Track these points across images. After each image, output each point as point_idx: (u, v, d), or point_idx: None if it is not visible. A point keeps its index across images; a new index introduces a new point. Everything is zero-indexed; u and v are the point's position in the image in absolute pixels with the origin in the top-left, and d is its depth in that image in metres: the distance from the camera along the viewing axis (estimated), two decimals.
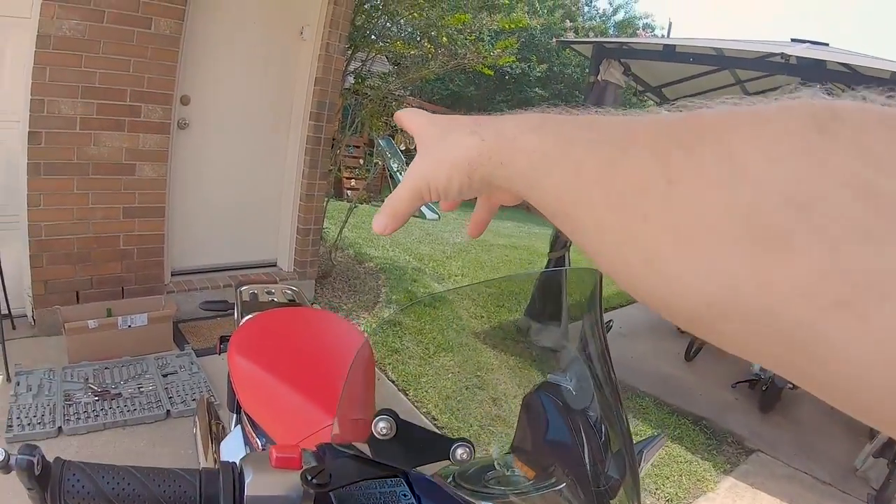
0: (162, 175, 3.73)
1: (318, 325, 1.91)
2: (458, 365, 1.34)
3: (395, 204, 0.47)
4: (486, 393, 1.13)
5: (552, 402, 0.96)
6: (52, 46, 3.04)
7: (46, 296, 3.36)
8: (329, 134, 4.67)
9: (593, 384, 0.96)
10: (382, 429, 0.72)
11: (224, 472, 0.67)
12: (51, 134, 3.17)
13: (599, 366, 0.96)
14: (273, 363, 1.48)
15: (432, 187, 0.44)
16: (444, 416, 3.22)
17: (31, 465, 0.60)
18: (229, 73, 4.09)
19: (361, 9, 5.04)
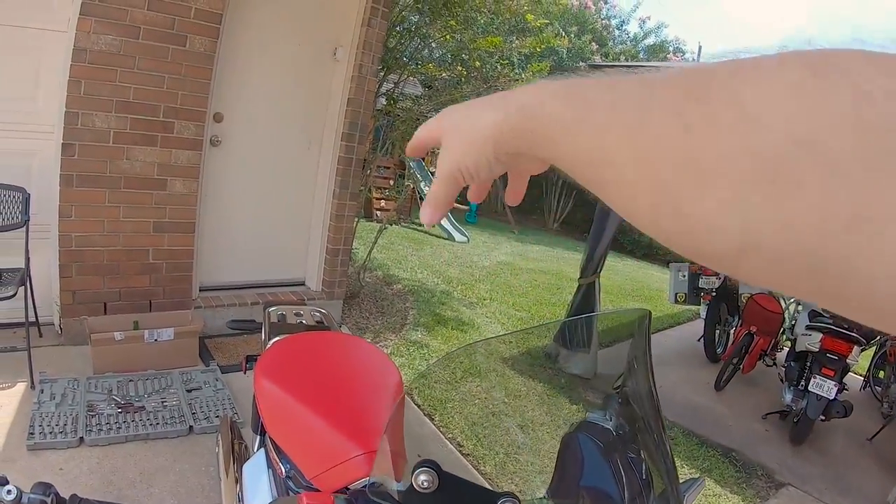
0: (193, 191, 3.77)
1: (347, 350, 1.87)
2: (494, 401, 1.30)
3: (435, 195, 0.48)
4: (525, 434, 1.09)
5: (592, 443, 0.91)
6: (87, 60, 3.12)
7: (74, 305, 3.41)
8: (360, 155, 4.69)
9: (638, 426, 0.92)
10: (424, 482, 0.68)
11: None
12: (84, 146, 3.24)
13: (647, 407, 0.92)
14: (300, 389, 1.45)
15: (463, 171, 0.44)
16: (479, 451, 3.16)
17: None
18: (262, 91, 4.14)
19: (394, 31, 5.09)
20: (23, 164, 3.29)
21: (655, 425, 0.89)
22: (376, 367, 1.70)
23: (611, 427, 0.90)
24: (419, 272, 7.20)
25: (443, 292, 6.45)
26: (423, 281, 6.80)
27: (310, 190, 4.66)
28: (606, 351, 4.81)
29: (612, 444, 0.88)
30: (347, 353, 1.84)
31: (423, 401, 3.71)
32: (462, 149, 0.43)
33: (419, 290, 6.27)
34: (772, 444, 4.26)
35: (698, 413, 4.55)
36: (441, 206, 0.48)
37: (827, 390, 4.05)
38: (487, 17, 5.22)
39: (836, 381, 4.07)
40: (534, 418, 1.13)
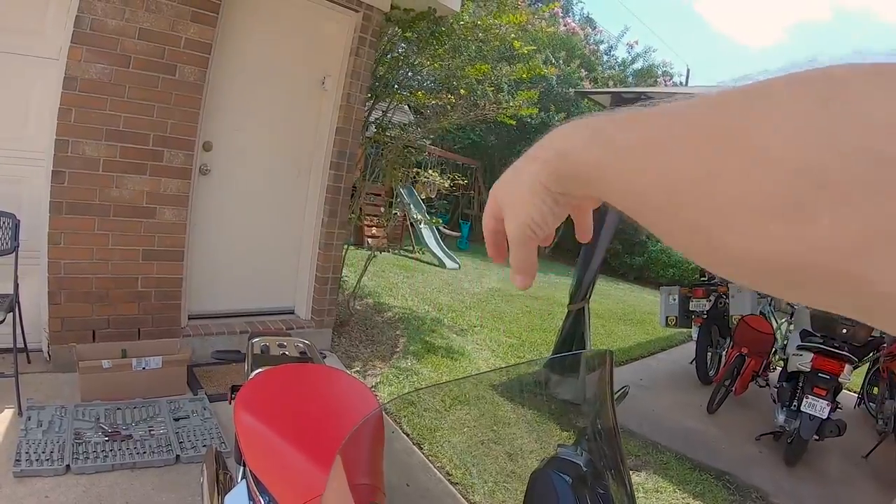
0: (182, 219, 3.78)
1: (327, 383, 1.88)
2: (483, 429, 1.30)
3: (518, 260, 0.49)
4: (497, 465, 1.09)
5: (561, 479, 0.92)
6: (78, 88, 3.15)
7: (63, 332, 3.39)
8: (349, 183, 4.73)
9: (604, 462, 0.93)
10: None
11: None
12: (74, 174, 3.26)
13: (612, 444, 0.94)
14: (278, 421, 1.47)
15: (532, 225, 0.45)
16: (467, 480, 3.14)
17: None
18: (251, 120, 4.18)
19: (383, 59, 5.16)
20: (13, 191, 3.29)
21: (618, 462, 0.91)
22: (356, 399, 1.71)
23: (581, 462, 0.91)
24: (410, 299, 7.20)
25: (433, 319, 6.44)
26: (414, 308, 6.79)
27: (299, 218, 4.68)
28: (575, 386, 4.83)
29: (582, 479, 0.89)
30: (328, 385, 1.85)
31: (411, 430, 3.69)
32: (522, 207, 0.45)
33: (409, 318, 6.26)
34: (766, 466, 4.23)
35: (691, 436, 4.53)
36: (528, 269, 0.50)
37: (820, 410, 4.04)
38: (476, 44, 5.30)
39: (828, 401, 4.06)
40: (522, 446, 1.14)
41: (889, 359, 5.08)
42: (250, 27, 4.00)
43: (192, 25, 3.44)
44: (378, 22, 4.43)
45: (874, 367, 5.53)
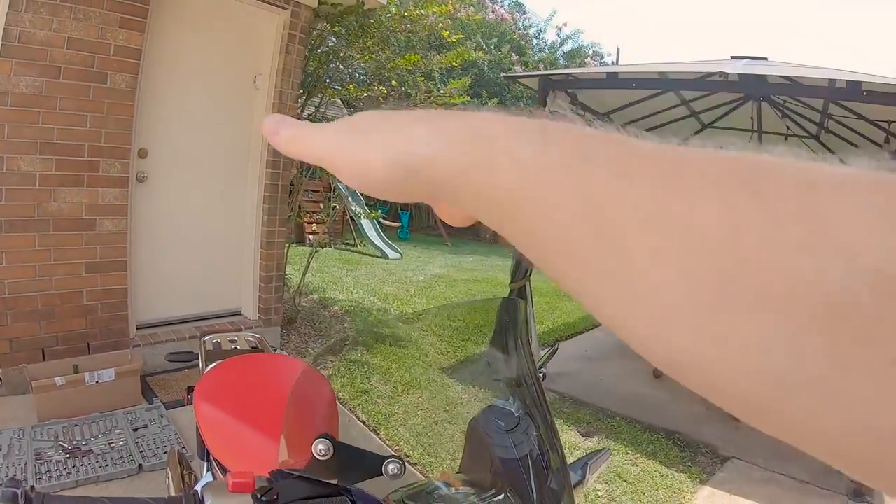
0: (122, 229, 3.72)
1: (279, 368, 1.94)
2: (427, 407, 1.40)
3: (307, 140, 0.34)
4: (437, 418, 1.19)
5: (494, 424, 1.03)
6: (9, 103, 3.07)
7: (12, 354, 3.30)
8: (286, 181, 4.73)
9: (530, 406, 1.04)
10: (321, 451, 0.79)
11: (186, 500, 0.74)
12: (11, 191, 3.17)
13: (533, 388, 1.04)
14: (237, 407, 1.52)
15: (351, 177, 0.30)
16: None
17: (16, 496, 0.65)
18: (185, 124, 4.13)
19: (314, 54, 5.16)
20: None
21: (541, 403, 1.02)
22: (307, 380, 1.80)
23: (513, 409, 1.02)
24: (355, 292, 7.23)
25: (379, 310, 6.51)
26: (360, 300, 6.83)
27: (238, 219, 4.67)
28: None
29: (515, 423, 1.00)
30: (278, 370, 1.92)
31: (367, 417, 3.77)
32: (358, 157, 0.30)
33: (356, 311, 6.31)
34: (713, 423, 4.44)
35: (639, 401, 4.75)
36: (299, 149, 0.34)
37: None
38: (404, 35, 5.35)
39: None
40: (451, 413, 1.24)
41: None
42: (180, 30, 3.94)
43: (120, 32, 3.38)
44: (307, 18, 4.43)
45: None
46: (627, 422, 4.34)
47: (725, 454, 3.94)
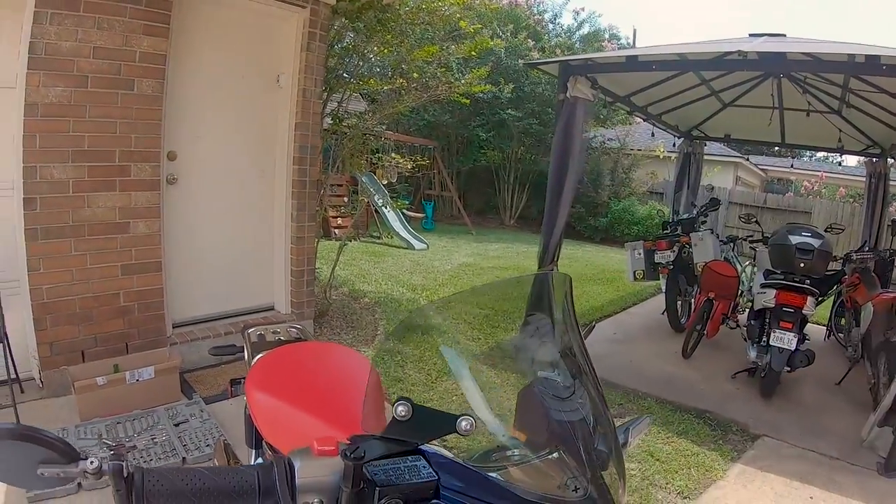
0: (156, 231, 3.82)
1: (326, 355, 2.00)
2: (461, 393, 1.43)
3: None
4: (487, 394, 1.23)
5: (543, 392, 1.07)
6: (39, 114, 3.16)
7: (52, 357, 3.42)
8: (313, 176, 4.79)
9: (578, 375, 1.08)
10: (401, 412, 0.84)
11: (277, 465, 0.81)
12: (45, 199, 3.27)
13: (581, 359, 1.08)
14: (289, 394, 1.57)
15: None
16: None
17: (121, 469, 0.74)
18: (212, 125, 4.22)
19: (334, 50, 5.20)
20: None
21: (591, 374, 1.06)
22: (351, 364, 1.85)
23: (559, 380, 1.06)
24: (383, 284, 7.30)
25: (408, 300, 6.57)
26: (389, 292, 6.90)
27: (268, 216, 4.75)
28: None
29: (566, 390, 1.05)
30: (325, 357, 1.97)
31: None
32: None
33: (386, 301, 6.38)
34: (743, 401, 4.47)
35: (670, 381, 4.76)
36: None
37: (787, 342, 4.27)
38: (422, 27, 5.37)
39: (795, 333, 4.29)
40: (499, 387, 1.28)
41: (850, 289, 5.38)
42: (202, 34, 4.01)
43: (144, 39, 3.45)
44: (326, 15, 4.47)
45: (839, 300, 5.83)
46: (658, 402, 4.35)
47: (756, 432, 3.95)
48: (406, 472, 0.84)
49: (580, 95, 4.63)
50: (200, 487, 0.77)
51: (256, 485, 0.79)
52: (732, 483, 3.32)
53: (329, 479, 0.79)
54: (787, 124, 6.68)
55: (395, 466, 0.84)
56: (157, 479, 0.77)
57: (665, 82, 5.41)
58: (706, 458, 3.56)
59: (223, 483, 0.78)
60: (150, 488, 0.76)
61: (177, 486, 0.76)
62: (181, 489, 0.76)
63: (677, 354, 5.32)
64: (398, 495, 0.79)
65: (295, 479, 0.80)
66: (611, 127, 15.10)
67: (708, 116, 7.18)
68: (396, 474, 0.83)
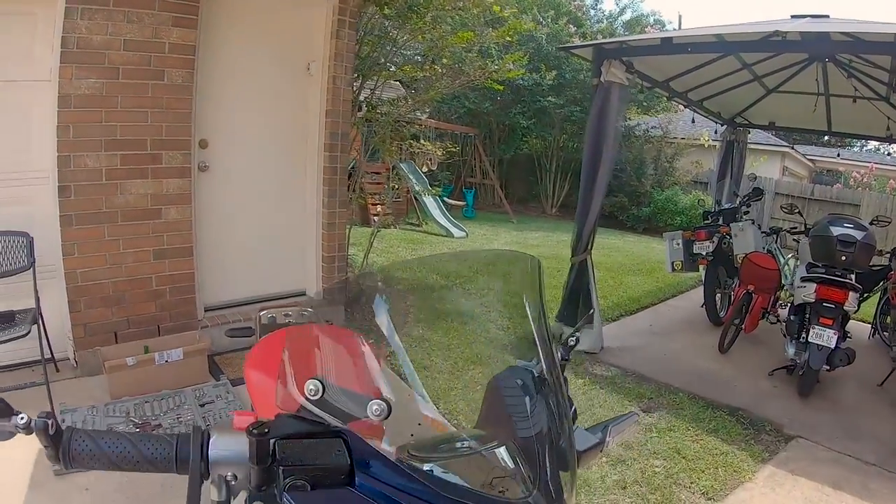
0: (187, 217, 3.92)
1: (327, 337, 2.02)
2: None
3: None
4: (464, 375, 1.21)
5: (512, 381, 1.04)
6: (73, 105, 3.28)
7: (86, 338, 3.57)
8: (344, 163, 4.83)
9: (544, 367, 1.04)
10: (311, 391, 0.83)
11: (194, 436, 0.80)
12: (79, 186, 3.40)
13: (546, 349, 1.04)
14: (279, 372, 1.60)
15: None
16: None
17: (47, 426, 0.74)
18: (243, 114, 4.29)
19: (366, 38, 5.21)
20: (24, 211, 3.44)
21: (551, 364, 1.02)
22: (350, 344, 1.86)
23: (533, 369, 1.03)
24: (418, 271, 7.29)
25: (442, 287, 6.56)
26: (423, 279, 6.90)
27: (299, 202, 4.81)
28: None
29: (535, 382, 1.01)
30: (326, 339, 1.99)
31: None
32: None
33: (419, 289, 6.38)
34: (780, 400, 4.30)
35: (703, 376, 4.63)
36: None
37: (827, 339, 4.07)
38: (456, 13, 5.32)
39: (835, 330, 4.09)
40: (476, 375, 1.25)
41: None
42: (232, 25, 4.08)
43: (174, 31, 3.53)
44: (355, 3, 4.48)
45: (884, 297, 5.56)
46: (690, 397, 4.24)
47: (790, 433, 3.79)
48: (319, 454, 0.82)
49: (614, 80, 4.52)
50: (122, 452, 0.78)
51: (173, 454, 0.79)
52: (761, 486, 3.20)
53: (242, 454, 0.78)
54: (834, 111, 6.37)
55: (309, 448, 0.82)
56: (83, 439, 0.78)
57: (705, 67, 5.21)
58: (735, 458, 3.45)
59: (144, 450, 0.78)
60: (76, 447, 0.77)
61: (101, 449, 0.77)
62: (105, 452, 0.77)
63: (714, 349, 5.18)
64: (304, 476, 0.78)
65: (208, 451, 0.80)
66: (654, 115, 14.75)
67: (751, 103, 6.91)
68: (307, 455, 0.81)
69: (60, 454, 0.76)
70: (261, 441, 0.76)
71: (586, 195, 4.85)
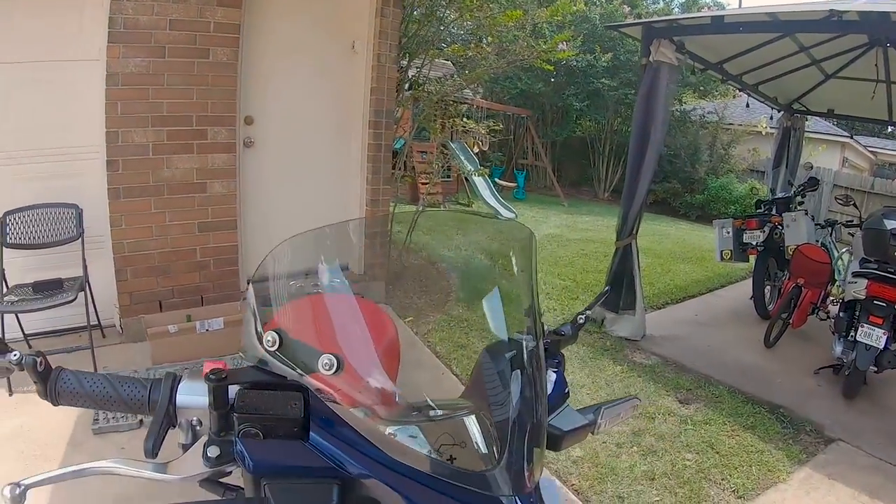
0: (232, 191, 4.03)
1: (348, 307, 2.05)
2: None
3: None
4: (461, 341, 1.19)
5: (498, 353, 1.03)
6: (120, 83, 3.41)
7: (132, 306, 3.73)
8: (389, 140, 4.86)
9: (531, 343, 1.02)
10: (269, 342, 0.86)
11: (165, 381, 0.85)
12: (127, 161, 3.54)
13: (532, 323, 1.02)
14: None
15: None
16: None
17: (35, 363, 0.80)
18: (288, 91, 4.36)
19: (413, 16, 5.19)
20: (74, 184, 3.61)
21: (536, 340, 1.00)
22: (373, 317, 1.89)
23: (526, 343, 1.00)
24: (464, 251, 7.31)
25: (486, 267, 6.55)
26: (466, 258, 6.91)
27: (343, 178, 4.87)
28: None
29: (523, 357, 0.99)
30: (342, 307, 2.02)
31: None
32: None
33: (461, 268, 6.40)
34: (823, 400, 4.13)
35: (746, 370, 4.50)
36: None
37: (876, 339, 3.89)
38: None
39: (885, 329, 3.89)
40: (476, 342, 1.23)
41: None
42: (277, 4, 4.13)
43: (218, 10, 3.62)
44: None
45: None
46: (730, 391, 4.14)
47: (831, 435, 3.64)
48: (275, 405, 0.82)
49: (664, 60, 4.38)
50: (102, 392, 0.83)
51: (147, 396, 0.84)
52: (794, 488, 3.10)
53: (205, 400, 0.81)
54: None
55: (267, 398, 0.83)
56: (68, 378, 0.83)
57: (760, 48, 4.97)
58: (771, 457, 3.35)
59: (122, 391, 0.83)
60: (62, 385, 0.82)
61: (84, 388, 0.83)
62: (87, 391, 0.83)
63: (759, 343, 5.03)
64: (258, 425, 0.80)
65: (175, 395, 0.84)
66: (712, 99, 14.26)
67: (809, 89, 6.58)
68: (264, 405, 0.82)
69: (48, 390, 0.82)
70: (218, 387, 0.79)
71: (633, 178, 4.76)
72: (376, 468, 0.81)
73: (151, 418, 0.83)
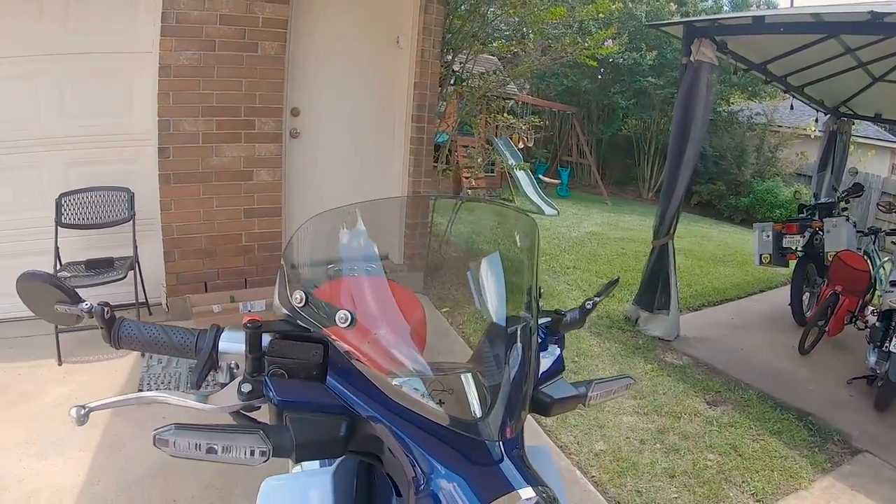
0: (277, 179, 4.20)
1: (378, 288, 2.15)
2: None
3: None
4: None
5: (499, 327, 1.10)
6: (172, 75, 3.61)
7: (178, 286, 3.94)
8: (431, 134, 4.97)
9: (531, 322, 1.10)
10: (296, 299, 0.99)
11: (210, 331, 1.00)
12: (177, 148, 3.74)
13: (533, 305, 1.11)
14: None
15: None
16: None
17: (103, 311, 0.94)
18: (334, 84, 4.51)
19: (457, 12, 5.27)
20: (127, 169, 3.85)
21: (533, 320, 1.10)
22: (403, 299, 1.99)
23: (529, 321, 1.09)
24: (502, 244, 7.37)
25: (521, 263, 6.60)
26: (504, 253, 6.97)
27: (385, 170, 5.01)
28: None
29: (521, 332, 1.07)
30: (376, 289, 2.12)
31: None
32: None
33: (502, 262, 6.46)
34: (853, 410, 4.07)
35: (777, 376, 4.45)
36: None
37: None
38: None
39: None
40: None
41: None
42: None
43: (267, 6, 3.78)
44: None
45: None
46: (759, 396, 4.10)
47: (858, 446, 3.58)
48: (300, 352, 0.98)
49: (704, 59, 4.36)
50: (157, 338, 0.98)
51: (194, 344, 0.99)
52: (815, 496, 3.07)
53: (242, 347, 0.96)
54: None
55: (293, 346, 0.98)
56: (129, 326, 0.98)
57: (805, 49, 4.85)
58: (794, 463, 3.32)
59: (174, 339, 0.99)
60: (123, 331, 0.97)
61: (142, 335, 0.98)
62: (145, 337, 0.98)
63: (793, 349, 4.96)
64: (284, 367, 0.95)
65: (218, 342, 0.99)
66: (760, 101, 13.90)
67: (856, 92, 6.40)
68: (290, 352, 0.97)
69: (111, 336, 0.97)
70: (254, 334, 0.93)
71: (672, 177, 4.76)
72: (381, 411, 0.93)
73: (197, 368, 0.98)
